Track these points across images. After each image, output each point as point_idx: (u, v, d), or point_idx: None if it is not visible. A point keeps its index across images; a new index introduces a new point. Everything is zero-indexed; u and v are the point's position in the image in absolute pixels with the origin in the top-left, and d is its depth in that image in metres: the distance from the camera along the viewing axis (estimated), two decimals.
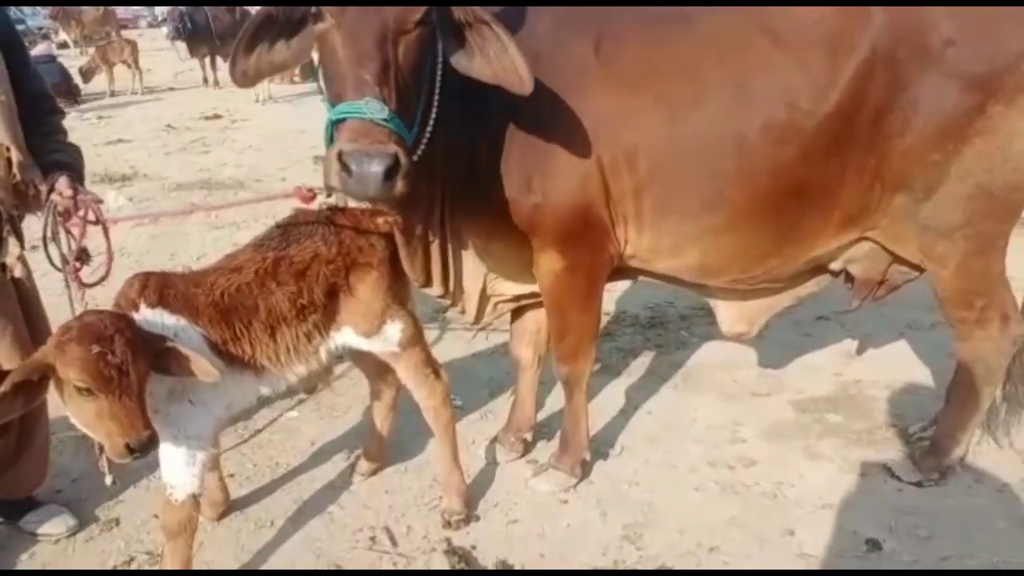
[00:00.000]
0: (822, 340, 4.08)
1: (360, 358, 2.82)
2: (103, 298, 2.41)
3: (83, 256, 2.45)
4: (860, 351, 3.97)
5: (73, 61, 16.30)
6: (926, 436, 3.10)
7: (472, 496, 2.88)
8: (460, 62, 2.19)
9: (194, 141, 10.21)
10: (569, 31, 2.49)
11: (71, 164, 2.56)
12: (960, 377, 2.75)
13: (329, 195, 2.46)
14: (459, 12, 2.15)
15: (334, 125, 2.00)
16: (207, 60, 15.64)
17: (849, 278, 2.86)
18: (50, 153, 2.56)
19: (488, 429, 3.38)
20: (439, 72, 2.20)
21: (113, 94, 14.61)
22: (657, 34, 2.49)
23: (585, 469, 2.99)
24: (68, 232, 2.43)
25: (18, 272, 2.52)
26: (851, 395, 3.57)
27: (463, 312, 2.86)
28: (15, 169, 2.37)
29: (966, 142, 2.35)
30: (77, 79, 13.87)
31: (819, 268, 2.78)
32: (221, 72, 15.37)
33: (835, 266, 2.77)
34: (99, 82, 14.85)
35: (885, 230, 2.56)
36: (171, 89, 15.59)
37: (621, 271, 2.74)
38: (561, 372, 2.83)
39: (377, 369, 2.88)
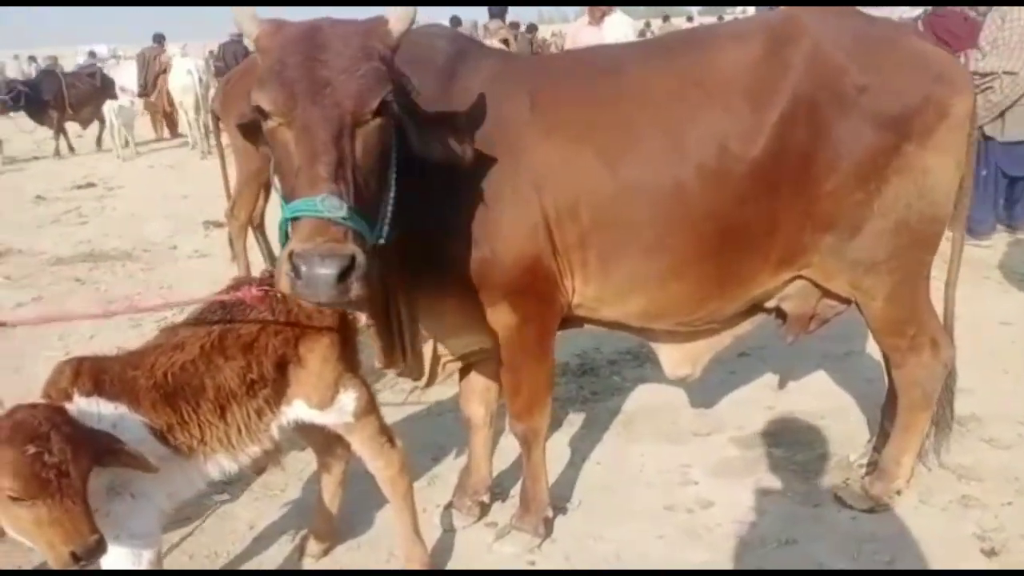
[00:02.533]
0: (747, 376, 4.20)
1: (307, 430, 2.66)
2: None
3: None
4: (784, 384, 4.10)
5: None
6: (865, 462, 3.22)
7: (435, 566, 2.75)
8: (423, 149, 2.17)
9: (68, 212, 9.61)
10: (504, 85, 2.50)
11: None
12: (899, 403, 2.87)
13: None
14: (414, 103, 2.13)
15: (289, 223, 1.89)
16: (58, 127, 14.74)
17: (781, 314, 2.96)
18: None
19: (437, 496, 3.26)
20: (396, 157, 2.15)
21: None
22: (589, 86, 2.55)
23: (548, 527, 2.92)
24: None
25: None
26: (787, 427, 3.67)
27: (415, 377, 2.76)
28: None
29: (885, 181, 2.49)
30: None
31: (756, 307, 2.86)
32: (81, 138, 14.67)
33: (770, 304, 2.86)
34: None
35: (816, 267, 2.66)
36: (35, 158, 14.67)
37: (567, 320, 2.74)
38: (517, 429, 2.77)
39: (325, 441, 2.74)
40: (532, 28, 16.85)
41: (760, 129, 2.43)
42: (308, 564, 2.86)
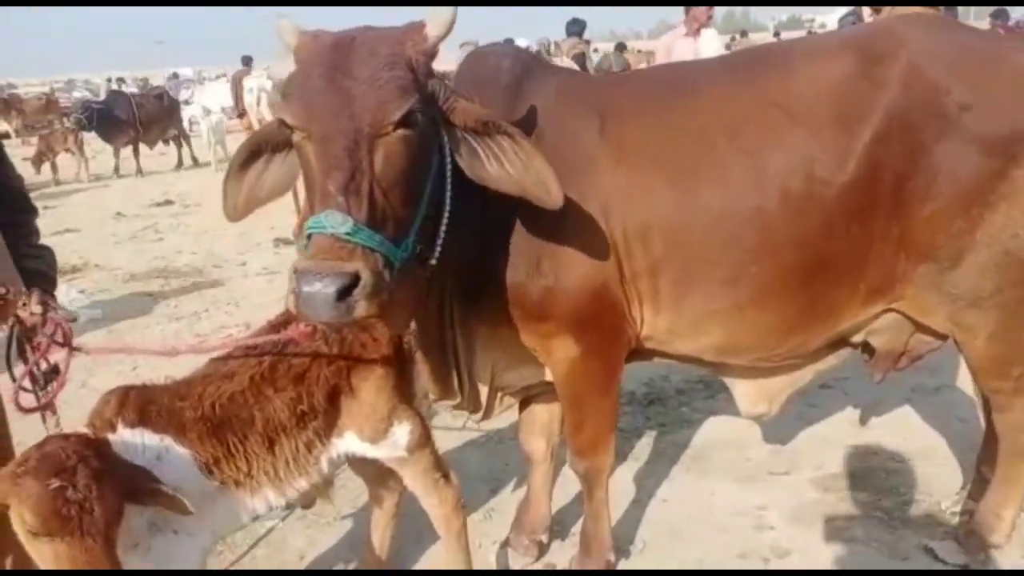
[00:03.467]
0: (828, 409, 3.94)
1: (359, 462, 2.56)
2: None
3: (51, 377, 2.17)
4: (867, 420, 3.83)
5: (16, 151, 15.88)
6: (958, 511, 2.95)
7: None
8: (473, 170, 2.04)
9: (145, 228, 9.91)
10: (570, 106, 2.37)
11: (46, 272, 2.31)
12: (1001, 450, 2.61)
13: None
14: (463, 117, 2.01)
15: (307, 241, 1.81)
16: (130, 149, 15.27)
17: (869, 350, 2.72)
18: (24, 258, 2.31)
19: (493, 531, 3.13)
20: (448, 175, 2.05)
21: (58, 183, 14.21)
22: (661, 108, 2.40)
23: (611, 571, 2.75)
24: (34, 351, 2.15)
25: None
26: (871, 468, 3.41)
27: (471, 411, 2.63)
28: None
29: (990, 208, 2.26)
30: (22, 169, 13.43)
31: (841, 340, 2.64)
32: (164, 156, 15.11)
33: (857, 338, 2.63)
34: (43, 171, 14.46)
35: (911, 300, 2.44)
36: (120, 175, 15.22)
37: (637, 353, 2.57)
38: (579, 467, 2.61)
39: (378, 473, 2.63)
40: (621, 46, 16.68)
41: (850, 152, 2.23)
42: None
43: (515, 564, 2.90)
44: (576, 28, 10.47)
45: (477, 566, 2.81)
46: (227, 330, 5.84)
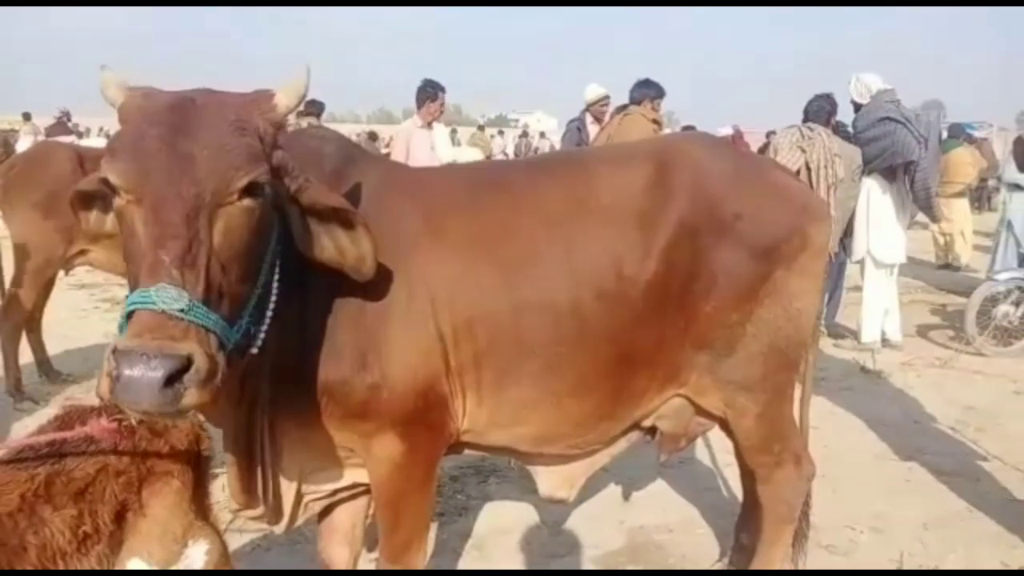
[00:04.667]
0: (594, 488, 4.12)
1: None
2: None
3: None
4: (629, 496, 4.10)
5: None
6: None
7: None
8: (305, 248, 1.96)
9: None
10: (395, 197, 2.36)
11: None
12: (765, 518, 2.91)
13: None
14: (313, 199, 1.94)
15: (127, 319, 1.59)
16: None
17: (653, 432, 2.94)
18: None
19: None
20: (277, 251, 1.93)
21: None
22: (483, 204, 2.46)
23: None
24: None
25: None
26: (641, 543, 3.64)
27: (272, 522, 2.38)
28: None
29: (758, 304, 2.58)
30: None
31: (633, 425, 2.82)
32: None
33: (647, 423, 2.83)
34: None
35: (693, 386, 2.68)
36: None
37: (451, 447, 2.52)
38: (392, 570, 2.47)
39: None
40: (373, 135, 16.54)
41: (649, 251, 2.44)
42: None
43: None
44: (315, 109, 10.42)
45: None
46: None
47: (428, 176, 2.70)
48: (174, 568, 2.01)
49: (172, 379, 1.49)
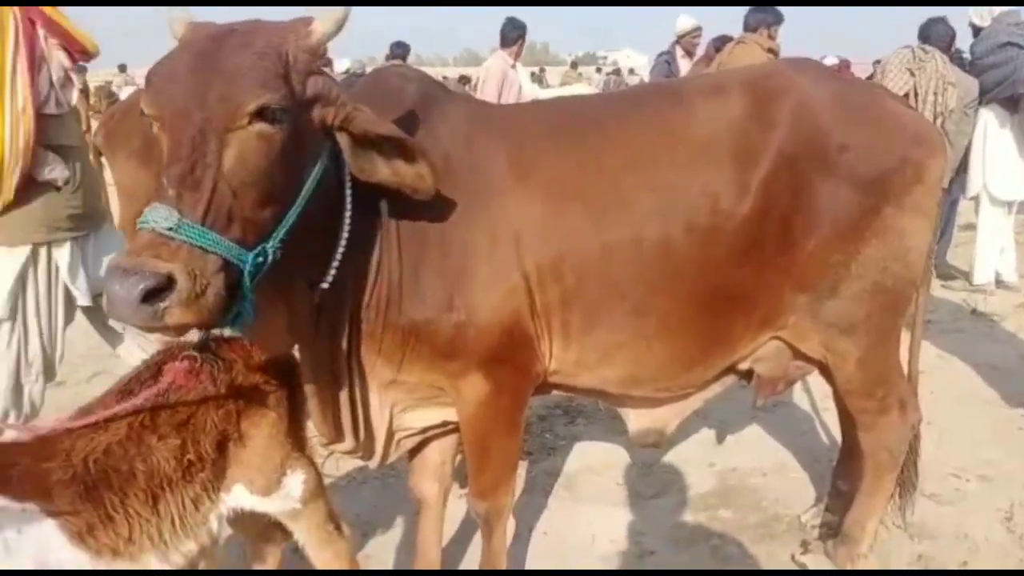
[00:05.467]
0: (684, 431, 4.07)
1: (243, 517, 2.29)
2: None
3: None
4: (722, 439, 4.02)
5: None
6: (817, 523, 3.15)
7: None
8: (358, 169, 1.93)
9: None
10: (479, 136, 2.30)
11: None
12: (866, 466, 2.80)
13: (205, 344, 2.01)
14: (363, 127, 1.89)
15: None
16: None
17: (749, 376, 2.85)
18: None
19: None
20: (348, 196, 1.95)
21: None
22: (571, 140, 2.37)
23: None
24: None
25: None
26: (733, 486, 3.57)
27: (366, 457, 2.44)
28: None
29: (864, 242, 2.43)
30: None
31: (728, 369, 2.74)
32: None
33: (743, 366, 2.74)
34: None
35: (791, 328, 2.57)
36: None
37: (539, 388, 2.51)
38: (480, 508, 2.50)
39: (262, 528, 2.36)
40: (464, 79, 16.11)
41: (747, 186, 2.32)
42: None
43: None
44: (400, 51, 10.40)
45: None
46: None
47: (513, 113, 2.63)
48: (274, 496, 2.09)
49: (151, 296, 1.50)
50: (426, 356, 2.23)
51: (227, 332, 2.08)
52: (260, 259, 1.70)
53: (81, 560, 1.74)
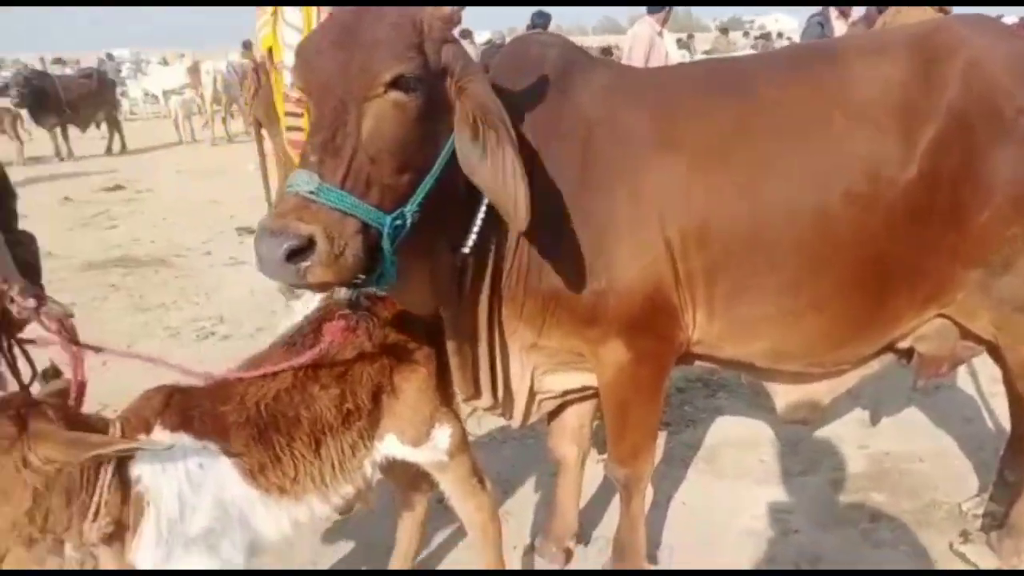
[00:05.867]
0: (836, 410, 3.89)
1: (393, 466, 2.41)
2: None
3: (49, 377, 1.98)
4: (877, 420, 3.82)
5: None
6: (980, 513, 2.94)
7: None
8: (466, 158, 1.85)
9: (97, 215, 9.44)
10: (622, 101, 2.26)
11: (31, 262, 2.09)
12: None
13: (356, 300, 2.10)
14: (471, 98, 1.85)
15: None
16: (58, 131, 14.60)
17: (909, 355, 2.68)
18: (8, 247, 2.10)
19: (512, 535, 2.99)
20: (453, 156, 1.89)
21: None
22: (719, 104, 2.28)
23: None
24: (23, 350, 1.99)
25: None
26: (886, 470, 3.41)
27: (507, 416, 2.50)
28: None
29: None
30: None
31: (887, 346, 2.59)
32: (79, 141, 14.84)
33: (904, 344, 2.58)
34: None
35: (959, 305, 2.39)
36: (59, 159, 14.53)
37: (681, 358, 2.46)
38: (618, 474, 2.50)
39: (411, 478, 2.48)
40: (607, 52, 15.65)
41: (911, 153, 2.17)
42: None
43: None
44: (542, 21, 10.37)
45: None
46: (199, 323, 5.58)
47: (658, 77, 2.56)
48: (423, 447, 2.18)
49: (294, 255, 1.59)
50: (566, 322, 2.23)
51: (376, 291, 2.18)
52: (398, 222, 1.78)
53: (252, 496, 1.90)
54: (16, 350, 2.02)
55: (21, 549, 1.65)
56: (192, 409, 1.85)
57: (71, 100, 14.38)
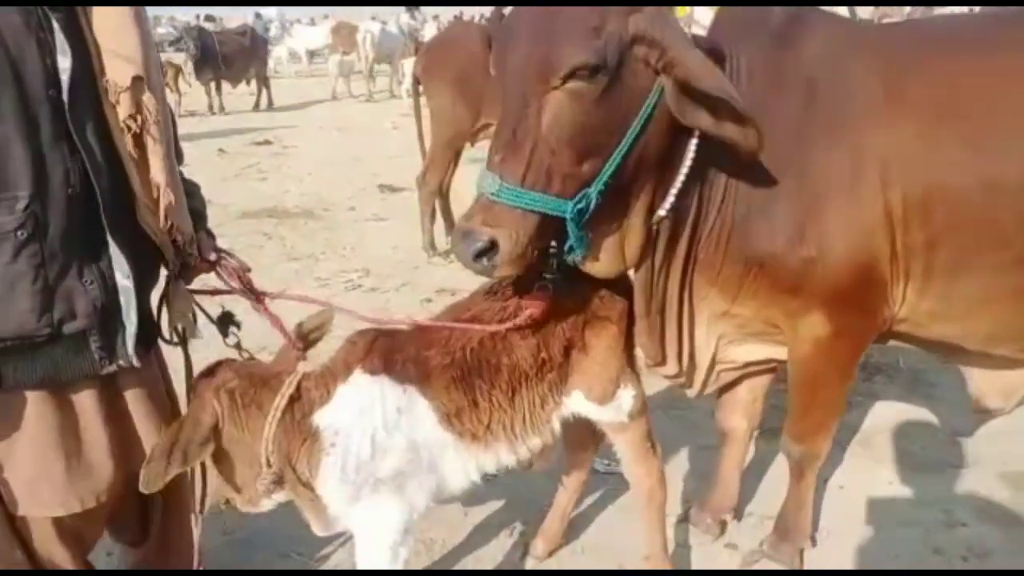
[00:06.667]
0: None
1: (569, 423, 2.47)
2: None
3: (227, 325, 2.14)
4: None
5: None
6: None
7: None
8: (680, 112, 1.87)
9: (248, 167, 9.96)
10: (848, 56, 2.13)
11: (201, 213, 2.20)
12: None
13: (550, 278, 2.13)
14: (683, 74, 1.81)
15: None
16: (212, 86, 15.42)
17: None
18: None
19: None
20: (645, 116, 1.87)
21: None
22: (951, 62, 2.11)
23: (802, 560, 2.64)
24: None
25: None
26: None
27: (686, 385, 2.50)
28: (163, 214, 1.84)
29: None
30: None
31: None
32: (229, 96, 15.61)
33: None
34: None
35: None
36: (212, 112, 15.38)
37: (878, 338, 2.35)
38: (795, 451, 2.48)
39: (579, 437, 2.54)
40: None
41: None
42: (531, 565, 2.71)
43: (695, 542, 2.82)
44: None
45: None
46: (347, 275, 5.84)
47: (891, 33, 2.40)
48: (607, 406, 2.22)
49: (482, 254, 1.79)
50: (766, 290, 2.17)
51: None
52: (580, 205, 1.83)
53: (445, 440, 2.00)
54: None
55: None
56: (395, 354, 1.96)
57: (227, 56, 15.17)
